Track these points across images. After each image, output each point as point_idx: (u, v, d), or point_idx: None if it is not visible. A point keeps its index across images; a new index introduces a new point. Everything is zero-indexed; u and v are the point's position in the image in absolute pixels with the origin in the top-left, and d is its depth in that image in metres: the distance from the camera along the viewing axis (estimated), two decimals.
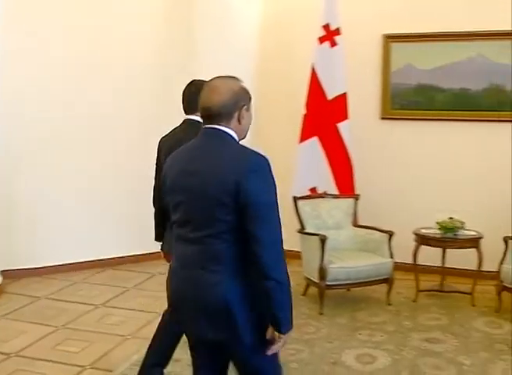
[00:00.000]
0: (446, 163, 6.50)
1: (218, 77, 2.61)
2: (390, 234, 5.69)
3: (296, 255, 5.93)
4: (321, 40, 6.64)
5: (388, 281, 5.70)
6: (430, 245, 5.82)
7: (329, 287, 5.46)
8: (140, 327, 5.09)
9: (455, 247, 5.77)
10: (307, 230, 5.76)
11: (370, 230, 6.00)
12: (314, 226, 5.86)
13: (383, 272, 5.64)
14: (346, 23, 6.59)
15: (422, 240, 5.83)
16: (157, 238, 4.13)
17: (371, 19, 6.86)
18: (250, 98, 2.67)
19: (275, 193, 2.42)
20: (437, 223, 5.75)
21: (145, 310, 5.50)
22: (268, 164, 2.43)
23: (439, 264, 6.05)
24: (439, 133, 6.67)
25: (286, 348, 4.51)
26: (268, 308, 2.40)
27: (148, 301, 5.76)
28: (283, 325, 2.43)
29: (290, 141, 6.82)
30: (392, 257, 5.69)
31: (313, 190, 6.57)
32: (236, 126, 2.57)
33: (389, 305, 5.68)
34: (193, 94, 3.73)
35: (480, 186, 6.45)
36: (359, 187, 6.37)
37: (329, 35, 6.63)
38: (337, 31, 6.62)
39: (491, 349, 4.68)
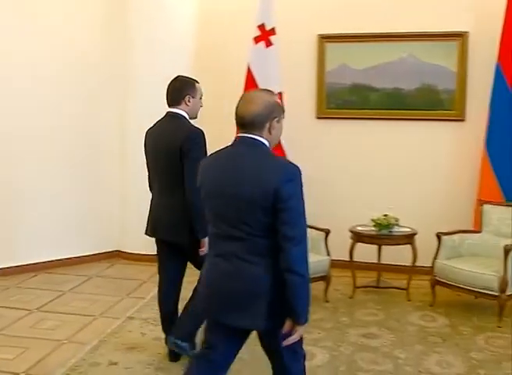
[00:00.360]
0: (381, 161, 6.61)
1: (255, 90, 2.93)
2: (326, 232, 5.74)
3: None
4: (257, 40, 6.66)
5: (325, 279, 5.75)
6: (366, 242, 5.91)
7: None
8: (76, 331, 4.98)
9: (390, 243, 5.88)
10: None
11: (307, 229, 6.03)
12: None
13: (320, 269, 5.68)
14: (282, 23, 6.62)
15: (358, 237, 5.91)
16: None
17: (306, 20, 6.92)
18: (283, 111, 2.89)
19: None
20: (372, 220, 5.84)
21: (81, 314, 5.40)
22: (300, 173, 2.70)
23: (375, 261, 6.14)
24: (374, 132, 6.79)
25: None
26: (289, 299, 2.66)
27: (84, 304, 5.65)
28: (301, 316, 2.69)
29: (227, 141, 6.78)
30: (328, 255, 5.76)
31: None
32: (268, 136, 2.80)
33: (327, 302, 5.74)
34: (177, 89, 4.13)
35: (414, 183, 6.59)
36: None
37: (265, 35, 6.66)
38: (272, 31, 6.65)
39: (425, 342, 4.78)
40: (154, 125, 4.27)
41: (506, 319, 5.24)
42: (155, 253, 6.38)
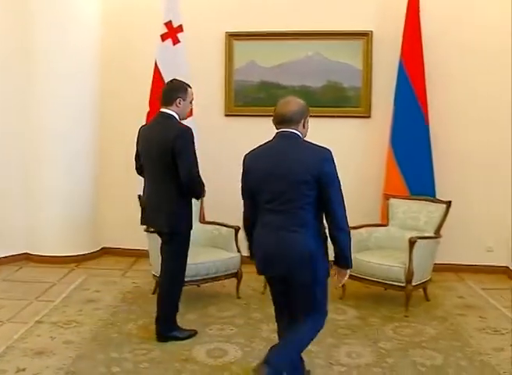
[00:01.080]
0: None
1: (289, 96, 3.79)
2: (236, 229, 5.73)
3: (145, 254, 5.96)
4: (164, 37, 6.60)
5: (236, 275, 5.75)
6: None
7: None
8: None
9: None
10: (153, 229, 5.68)
11: (217, 226, 6.04)
12: None
13: (231, 266, 5.69)
14: (189, 21, 6.61)
15: None
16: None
17: (213, 17, 6.94)
18: (309, 112, 3.70)
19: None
20: None
21: None
22: (332, 154, 3.51)
23: None
24: None
25: (136, 349, 4.46)
26: (340, 251, 3.51)
27: None
28: (350, 261, 3.55)
29: (134, 141, 6.69)
30: (239, 251, 5.76)
31: None
32: (302, 130, 3.64)
33: (239, 298, 5.75)
34: (170, 91, 4.65)
35: None
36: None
37: (172, 32, 6.60)
38: (180, 28, 6.61)
39: (336, 334, 4.86)
40: (148, 123, 4.95)
41: (413, 309, 5.41)
42: (65, 255, 6.29)
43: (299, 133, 3.60)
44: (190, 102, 4.75)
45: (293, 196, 3.45)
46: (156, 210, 4.63)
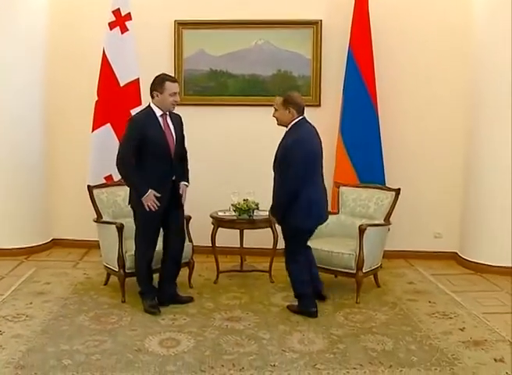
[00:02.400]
0: (240, 147, 6.70)
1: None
2: (187, 219, 5.71)
3: (96, 245, 5.91)
4: (112, 25, 6.54)
5: (188, 265, 5.74)
6: (226, 227, 5.99)
7: (129, 274, 5.37)
8: None
9: (251, 228, 5.97)
10: (103, 219, 5.64)
11: None
12: (111, 214, 5.75)
13: (183, 256, 5.65)
14: (138, 9, 6.58)
15: (219, 222, 5.97)
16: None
17: (162, 5, 6.90)
18: None
19: None
20: (232, 205, 5.90)
21: None
22: None
23: (237, 245, 6.22)
24: (232, 118, 6.88)
25: (88, 340, 4.43)
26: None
27: None
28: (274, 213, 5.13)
29: (84, 129, 6.64)
30: (191, 241, 5.74)
31: (108, 178, 6.47)
32: None
33: (191, 288, 5.75)
34: (150, 85, 5.04)
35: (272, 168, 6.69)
36: None
37: (120, 20, 6.55)
38: (128, 16, 6.57)
39: (288, 322, 4.91)
40: None
41: (364, 295, 5.50)
42: (14, 247, 6.21)
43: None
44: (171, 95, 4.97)
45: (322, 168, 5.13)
46: None
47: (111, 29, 6.53)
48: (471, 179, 6.61)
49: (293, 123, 4.99)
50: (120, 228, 5.28)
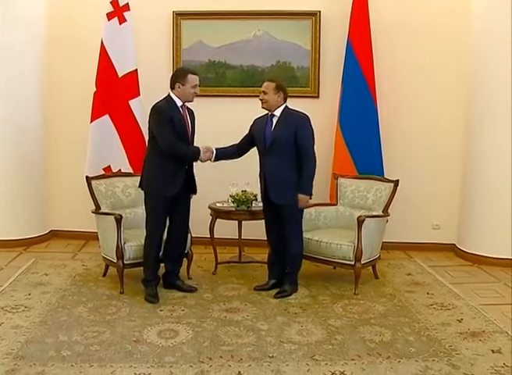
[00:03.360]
0: (238, 138, 6.66)
1: None
2: None
3: (95, 236, 5.91)
4: (110, 16, 6.54)
5: (187, 256, 5.74)
6: (225, 218, 6.00)
7: (128, 265, 5.39)
8: None
9: (249, 219, 5.96)
10: (102, 210, 5.64)
11: None
12: (110, 205, 5.76)
13: None
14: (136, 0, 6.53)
15: (217, 213, 5.98)
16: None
17: None
18: None
19: None
20: (230, 196, 5.91)
21: None
22: None
23: (236, 236, 6.23)
24: (231, 109, 6.86)
25: (86, 331, 4.43)
26: None
27: None
28: None
29: (82, 120, 6.65)
30: (189, 232, 5.74)
31: (107, 169, 6.49)
32: None
33: (190, 279, 5.75)
34: (172, 76, 5.27)
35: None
36: None
37: (118, 11, 6.55)
38: (126, 7, 6.58)
39: (287, 313, 4.92)
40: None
41: (362, 287, 5.51)
42: (13, 238, 6.22)
43: None
44: (193, 87, 5.14)
45: None
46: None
47: (109, 20, 6.52)
48: (470, 170, 6.61)
49: (283, 107, 5.27)
50: (119, 219, 5.28)
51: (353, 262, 5.42)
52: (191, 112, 5.36)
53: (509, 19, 6.04)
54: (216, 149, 5.43)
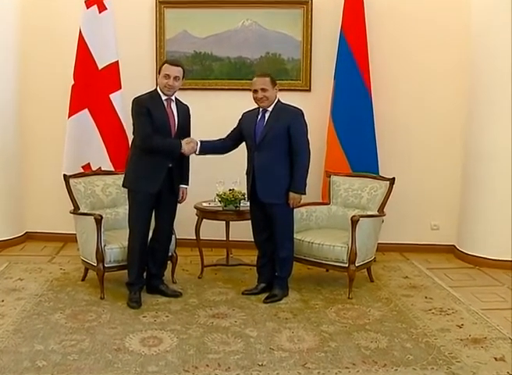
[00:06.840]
0: (225, 133, 6.64)
1: None
2: None
3: (73, 238, 5.87)
4: (89, 3, 6.48)
5: (171, 259, 5.70)
6: (211, 219, 5.97)
7: (109, 269, 5.34)
8: None
9: (237, 219, 5.93)
10: (81, 211, 5.58)
11: None
12: (89, 205, 5.70)
13: None
14: None
15: (204, 214, 5.94)
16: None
17: None
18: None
19: None
20: (217, 195, 5.87)
21: None
22: None
23: (223, 238, 6.19)
24: (218, 103, 6.83)
25: (64, 340, 4.38)
26: None
27: None
28: None
29: (59, 115, 6.59)
30: (174, 233, 5.70)
31: (86, 167, 6.44)
32: None
33: (174, 283, 5.71)
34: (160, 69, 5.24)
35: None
36: None
37: None
38: None
39: (277, 319, 4.89)
40: None
41: (356, 290, 5.50)
42: None
43: None
44: (164, 77, 5.08)
45: None
46: None
47: (87, 7, 6.46)
48: (470, 168, 6.61)
49: (276, 101, 5.29)
50: (99, 220, 5.21)
51: (346, 265, 5.40)
52: (184, 108, 5.35)
53: (509, 6, 6.04)
54: (201, 141, 5.34)
